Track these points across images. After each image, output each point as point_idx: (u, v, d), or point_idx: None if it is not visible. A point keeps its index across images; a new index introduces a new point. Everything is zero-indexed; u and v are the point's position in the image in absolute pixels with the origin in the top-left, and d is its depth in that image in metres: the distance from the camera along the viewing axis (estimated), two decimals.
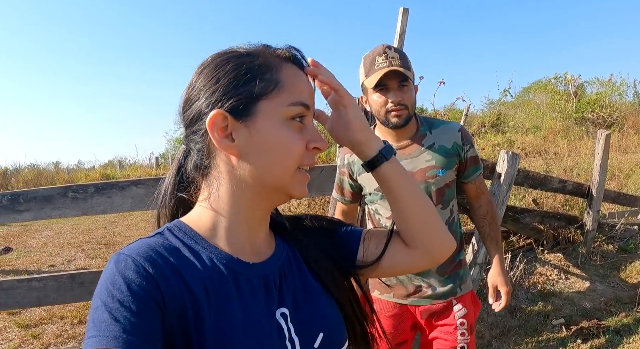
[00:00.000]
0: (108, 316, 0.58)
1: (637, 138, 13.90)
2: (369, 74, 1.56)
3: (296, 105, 0.70)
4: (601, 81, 21.07)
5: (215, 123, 0.68)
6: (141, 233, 7.47)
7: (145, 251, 0.64)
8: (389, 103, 1.56)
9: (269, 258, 0.76)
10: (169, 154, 23.13)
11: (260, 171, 0.70)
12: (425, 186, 1.63)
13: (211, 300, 0.66)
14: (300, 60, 0.76)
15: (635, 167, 9.77)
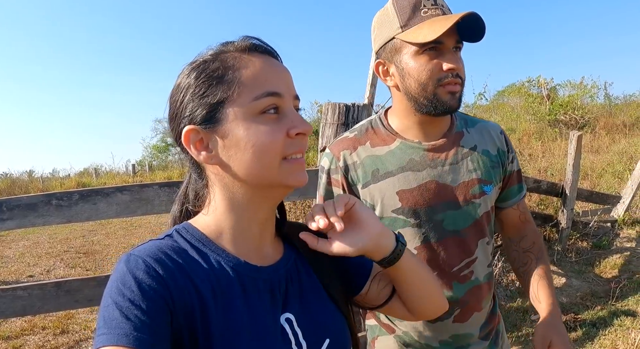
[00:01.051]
0: (119, 314, 0.59)
1: (609, 139, 14.31)
2: (411, 24, 1.04)
3: (261, 98, 0.67)
4: (573, 84, 21.61)
5: (190, 139, 0.70)
6: (121, 241, 7.40)
7: (155, 253, 0.65)
8: (442, 72, 1.04)
9: (276, 263, 0.76)
10: (146, 161, 22.90)
11: (244, 173, 0.69)
12: (470, 209, 1.13)
13: (218, 301, 0.66)
14: (262, 46, 0.73)
15: (607, 166, 10.07)
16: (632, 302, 3.72)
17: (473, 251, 1.15)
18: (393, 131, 1.16)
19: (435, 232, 1.12)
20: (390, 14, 1.08)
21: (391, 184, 1.11)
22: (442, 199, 1.12)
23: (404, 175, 1.11)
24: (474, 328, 1.19)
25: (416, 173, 1.12)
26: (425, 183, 1.11)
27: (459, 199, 1.13)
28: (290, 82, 0.73)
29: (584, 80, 21.40)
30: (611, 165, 10.07)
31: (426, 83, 1.05)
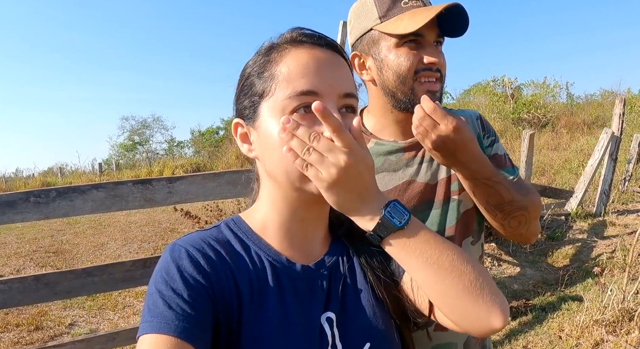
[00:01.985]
0: (162, 303, 0.59)
1: (569, 137, 14.91)
2: (390, 15, 1.00)
3: (294, 97, 0.64)
4: (536, 83, 22.31)
5: (237, 131, 0.72)
6: (90, 240, 7.38)
7: (199, 243, 0.66)
8: (421, 64, 0.99)
9: (319, 261, 0.73)
10: (113, 160, 22.57)
11: (273, 170, 0.67)
12: (451, 207, 1.07)
13: (254, 294, 0.66)
14: (313, 37, 0.69)
15: (565, 163, 10.55)
16: (579, 288, 4.02)
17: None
18: (367, 132, 1.10)
19: None
20: (369, 4, 1.02)
21: None
22: (421, 198, 1.06)
23: (379, 176, 1.05)
24: (457, 338, 1.09)
25: (392, 173, 1.07)
26: (402, 183, 1.06)
27: (439, 197, 1.06)
28: (341, 78, 0.67)
29: (546, 80, 22.11)
30: (568, 162, 10.56)
31: (405, 76, 0.99)
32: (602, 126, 11.87)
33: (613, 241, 5.17)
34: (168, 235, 7.41)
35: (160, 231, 7.82)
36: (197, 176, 2.74)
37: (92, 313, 4.29)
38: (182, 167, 17.39)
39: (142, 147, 23.95)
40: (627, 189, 7.77)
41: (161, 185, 2.68)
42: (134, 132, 24.14)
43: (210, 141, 23.77)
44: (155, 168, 17.69)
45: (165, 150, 24.80)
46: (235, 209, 5.91)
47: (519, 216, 1.04)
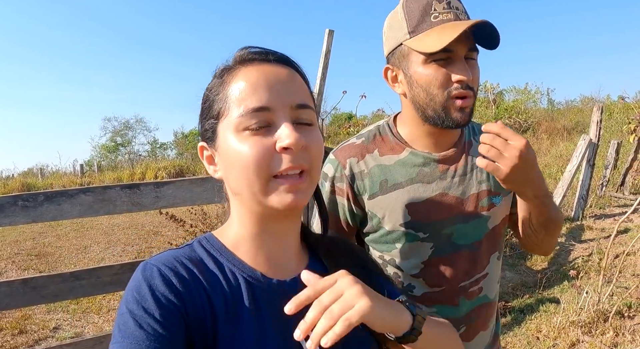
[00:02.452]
0: (133, 322, 0.59)
1: (549, 142, 15.21)
2: (419, 29, 0.97)
3: (245, 115, 0.64)
4: (518, 89, 22.71)
5: (203, 154, 0.74)
6: (72, 243, 7.34)
7: (171, 262, 0.66)
8: (452, 82, 0.97)
9: (296, 276, 0.72)
10: (95, 161, 22.36)
11: (237, 188, 0.68)
12: (479, 222, 1.08)
13: (229, 312, 0.65)
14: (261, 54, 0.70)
15: (545, 168, 10.77)
16: (557, 290, 4.14)
17: (484, 266, 1.10)
18: (402, 140, 1.09)
19: (445, 246, 1.06)
20: (400, 17, 1.00)
21: (400, 196, 1.05)
22: (452, 212, 1.06)
23: (413, 187, 1.05)
24: (478, 347, 1.13)
25: (426, 185, 1.06)
26: (435, 195, 1.06)
27: (469, 212, 1.07)
28: (291, 91, 0.67)
29: (528, 86, 22.52)
30: (548, 167, 10.77)
31: (435, 94, 0.98)
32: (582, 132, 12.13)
33: (590, 245, 5.32)
34: (152, 238, 7.40)
35: (144, 234, 7.80)
36: (185, 181, 2.77)
37: (76, 316, 4.29)
38: (165, 169, 17.28)
39: (124, 148, 23.78)
40: (604, 194, 7.99)
41: (149, 189, 2.71)
42: (117, 133, 23.96)
43: (194, 143, 23.65)
44: (138, 170, 17.55)
45: (148, 151, 24.67)
46: (219, 212, 5.93)
47: (555, 233, 1.09)
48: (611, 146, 8.23)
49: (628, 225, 5.94)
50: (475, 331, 1.12)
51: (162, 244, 6.83)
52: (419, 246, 1.06)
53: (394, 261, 1.09)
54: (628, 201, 7.70)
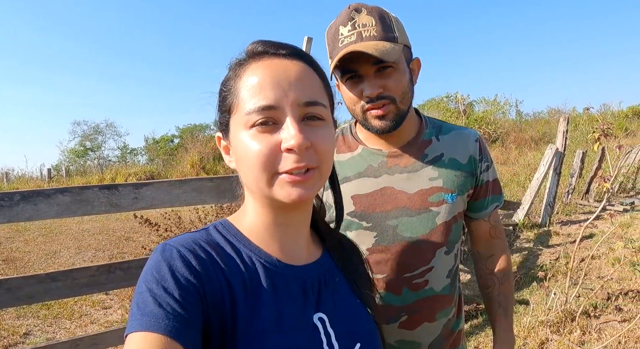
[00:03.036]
0: (152, 301, 0.59)
1: (517, 152, 15.62)
2: (333, 55, 1.07)
3: (251, 113, 0.65)
4: (487, 100, 23.25)
5: (220, 144, 0.76)
6: (41, 248, 7.15)
7: (190, 244, 0.66)
8: (362, 98, 1.06)
9: (310, 264, 0.76)
10: (63, 165, 21.83)
11: (246, 181, 0.71)
12: (427, 217, 1.13)
13: (248, 294, 0.66)
14: (270, 46, 0.70)
15: (513, 176, 11.07)
16: (526, 293, 4.27)
17: (429, 259, 1.14)
18: (358, 139, 1.19)
19: (389, 237, 1.12)
20: (326, 42, 1.10)
21: (346, 189, 1.14)
22: (396, 205, 1.12)
23: (360, 180, 1.14)
24: (422, 338, 1.17)
25: (372, 179, 1.13)
26: (380, 189, 1.13)
27: (415, 206, 1.12)
28: (297, 89, 0.66)
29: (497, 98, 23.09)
30: (517, 175, 11.08)
31: (352, 109, 1.09)
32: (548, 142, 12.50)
33: (557, 249, 5.50)
34: (123, 244, 7.28)
35: (115, 239, 7.67)
36: (164, 183, 2.76)
37: (47, 322, 4.19)
38: (135, 174, 17.01)
39: (93, 153, 23.30)
40: (570, 201, 8.27)
41: (127, 190, 2.69)
42: (86, 138, 23.47)
43: (165, 149, 23.40)
44: (107, 175, 17.23)
45: (118, 157, 24.26)
46: (193, 218, 5.89)
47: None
48: (577, 155, 8.54)
49: (593, 231, 6.18)
50: (419, 321, 1.15)
51: (134, 249, 6.73)
52: (362, 234, 1.13)
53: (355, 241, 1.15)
54: (592, 208, 7.99)
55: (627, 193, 9.81)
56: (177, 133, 25.72)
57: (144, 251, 5.44)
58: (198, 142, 20.99)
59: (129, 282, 2.60)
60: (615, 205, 8.05)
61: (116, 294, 4.74)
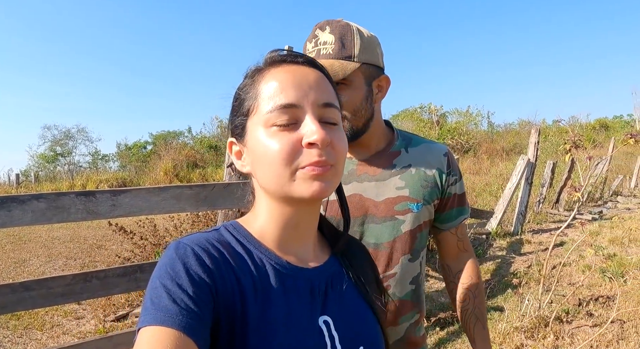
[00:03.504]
0: (167, 297, 0.60)
1: (489, 162, 15.92)
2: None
3: (274, 112, 0.68)
4: (460, 112, 23.72)
5: (232, 149, 0.77)
6: (10, 256, 6.94)
7: (203, 243, 0.68)
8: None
9: (318, 267, 0.77)
10: (32, 171, 21.27)
11: (264, 182, 0.71)
12: (392, 225, 1.16)
13: (258, 294, 0.68)
14: (290, 55, 0.74)
15: (486, 186, 11.29)
16: (500, 300, 4.35)
17: (393, 265, 1.17)
18: None
19: None
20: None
21: None
22: (363, 212, 1.15)
23: None
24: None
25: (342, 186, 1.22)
26: (349, 195, 1.14)
27: (382, 214, 1.15)
28: (317, 89, 0.71)
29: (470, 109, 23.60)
30: (489, 185, 11.30)
31: None
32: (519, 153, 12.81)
33: (529, 257, 5.63)
34: (95, 252, 7.13)
35: (87, 247, 7.50)
36: (142, 190, 2.73)
37: (17, 333, 4.06)
38: (106, 181, 16.71)
39: (64, 158, 22.76)
40: (541, 210, 8.49)
41: (105, 197, 2.65)
42: (56, 143, 22.91)
43: (138, 155, 23.03)
44: (78, 181, 16.88)
45: (89, 163, 23.74)
46: (168, 226, 5.82)
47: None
48: (547, 166, 8.77)
49: (563, 239, 6.35)
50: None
51: (107, 258, 6.60)
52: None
53: None
54: (563, 217, 8.22)
55: (595, 203, 10.12)
56: (150, 140, 25.36)
57: (118, 259, 5.34)
58: (172, 148, 20.75)
59: (105, 291, 2.55)
60: (584, 213, 8.30)
61: (89, 304, 4.64)
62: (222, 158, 19.55)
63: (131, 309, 4.46)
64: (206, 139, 23.52)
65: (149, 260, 4.18)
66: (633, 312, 3.78)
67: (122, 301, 4.61)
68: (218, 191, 2.88)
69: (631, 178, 13.55)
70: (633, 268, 4.94)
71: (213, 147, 22.13)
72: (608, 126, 27.28)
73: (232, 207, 2.78)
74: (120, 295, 4.53)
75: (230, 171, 3.00)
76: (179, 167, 18.79)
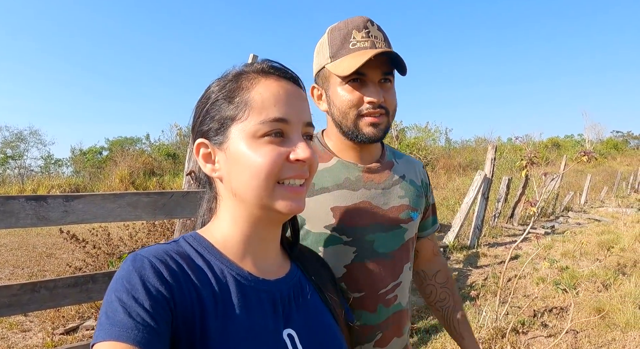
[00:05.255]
0: (122, 311, 0.58)
1: (446, 177, 16.30)
2: (338, 55, 1.08)
3: (266, 123, 0.69)
4: (419, 127, 24.24)
5: (199, 151, 0.74)
6: None
7: (161, 255, 0.66)
8: (364, 103, 1.07)
9: (281, 278, 0.77)
10: None
11: (241, 191, 0.71)
12: (397, 233, 1.17)
13: (219, 307, 0.66)
14: (280, 71, 0.75)
15: (443, 200, 11.52)
16: None
17: (398, 274, 1.16)
18: (329, 149, 1.17)
19: (367, 252, 1.12)
20: (324, 44, 1.11)
21: (326, 199, 1.11)
22: (374, 220, 1.13)
23: (340, 192, 1.12)
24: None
25: (351, 192, 1.12)
26: (359, 202, 1.12)
27: (388, 222, 1.14)
28: (303, 109, 0.74)
29: (428, 125, 24.15)
30: (446, 200, 11.54)
31: (346, 112, 1.08)
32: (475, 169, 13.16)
33: (485, 270, 5.75)
34: (44, 261, 6.81)
35: (36, 256, 7.17)
36: (97, 196, 2.62)
37: None
38: (59, 186, 16.09)
39: (14, 161, 21.74)
40: (497, 224, 8.72)
41: (57, 203, 2.52)
42: (7, 145, 21.90)
43: (93, 161, 22.33)
44: (29, 186, 16.16)
45: (41, 167, 22.76)
46: (123, 235, 5.63)
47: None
48: (503, 182, 9.03)
49: (518, 252, 6.53)
50: (390, 337, 1.17)
51: (57, 267, 6.31)
52: (342, 249, 1.10)
53: (329, 258, 1.11)
54: (517, 231, 8.46)
55: (547, 218, 10.49)
56: (106, 145, 24.64)
57: (69, 269, 5.11)
58: (129, 155, 20.24)
59: (55, 303, 2.41)
60: (537, 228, 8.58)
61: (37, 316, 4.40)
62: (180, 167, 19.22)
63: (82, 322, 4.26)
64: (164, 147, 23.09)
65: (102, 270, 4.01)
66: (586, 322, 3.90)
67: (73, 313, 4.39)
68: (176, 199, 2.80)
69: (581, 194, 14.17)
70: (585, 280, 5.13)
71: (171, 155, 21.71)
72: (559, 145, 28.51)
73: (190, 216, 2.70)
74: (71, 307, 4.33)
75: (189, 179, 2.93)
76: (135, 174, 18.32)
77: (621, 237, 7.58)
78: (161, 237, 5.38)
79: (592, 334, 3.73)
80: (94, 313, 4.38)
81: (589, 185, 14.57)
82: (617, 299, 4.46)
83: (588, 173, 15.26)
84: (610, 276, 5.21)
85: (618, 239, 7.42)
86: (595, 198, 15.73)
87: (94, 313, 4.37)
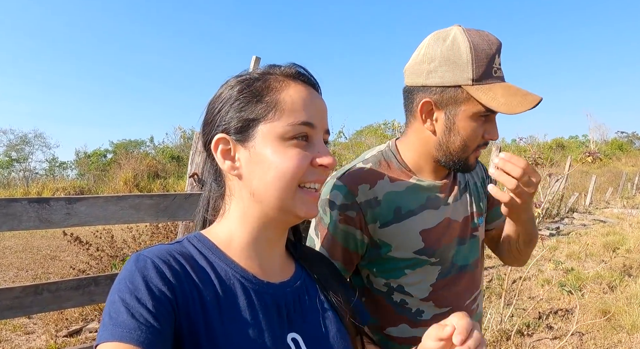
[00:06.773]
0: (125, 311, 0.59)
1: None
2: (484, 80, 0.95)
3: (295, 125, 0.69)
4: None
5: (219, 146, 0.73)
6: None
7: (165, 255, 0.66)
8: (482, 138, 1.01)
9: (285, 281, 0.76)
10: None
11: (261, 191, 0.70)
12: (474, 242, 1.15)
13: (222, 309, 0.66)
14: (306, 77, 0.76)
15: None
16: None
17: (479, 283, 1.15)
18: (407, 167, 1.09)
19: (449, 268, 1.10)
20: (464, 58, 0.95)
21: (414, 223, 1.06)
22: (454, 235, 1.11)
23: (424, 213, 1.07)
24: None
25: (434, 211, 1.08)
26: (442, 221, 1.09)
27: (466, 234, 1.12)
28: (325, 116, 0.76)
29: None
30: None
31: (469, 146, 1.01)
32: None
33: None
34: (49, 263, 6.83)
35: (40, 258, 7.18)
36: (99, 199, 2.62)
37: None
38: (63, 189, 16.14)
39: (19, 164, 21.82)
40: None
41: (60, 205, 2.52)
42: (12, 148, 21.98)
43: (97, 164, 22.40)
44: (33, 189, 16.23)
45: (46, 169, 22.85)
46: (126, 237, 5.62)
47: (533, 246, 1.18)
48: None
49: None
50: None
51: (61, 269, 6.32)
52: (428, 270, 1.07)
53: (402, 288, 1.08)
54: None
55: (552, 219, 10.43)
56: (110, 148, 24.71)
57: (72, 271, 5.11)
58: (133, 158, 20.27)
59: (57, 305, 2.41)
60: (542, 229, 8.52)
61: (40, 318, 4.40)
62: (184, 169, 19.21)
63: (85, 324, 4.26)
64: (168, 149, 23.12)
65: (105, 273, 4.00)
66: (591, 324, 3.87)
67: (76, 316, 4.40)
68: (179, 201, 2.80)
69: (586, 195, 14.10)
70: (590, 281, 5.09)
71: (175, 157, 21.72)
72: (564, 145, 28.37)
73: (193, 219, 2.70)
74: (74, 309, 4.33)
75: (192, 181, 2.92)
76: (139, 176, 18.35)
77: (627, 238, 7.52)
78: (164, 239, 5.38)
79: (598, 337, 3.70)
80: (97, 315, 4.38)
81: (594, 186, 14.50)
82: (623, 301, 4.43)
83: (593, 174, 15.19)
84: (616, 278, 5.18)
85: (624, 240, 7.37)
86: (600, 199, 15.66)
87: (97, 316, 4.37)
